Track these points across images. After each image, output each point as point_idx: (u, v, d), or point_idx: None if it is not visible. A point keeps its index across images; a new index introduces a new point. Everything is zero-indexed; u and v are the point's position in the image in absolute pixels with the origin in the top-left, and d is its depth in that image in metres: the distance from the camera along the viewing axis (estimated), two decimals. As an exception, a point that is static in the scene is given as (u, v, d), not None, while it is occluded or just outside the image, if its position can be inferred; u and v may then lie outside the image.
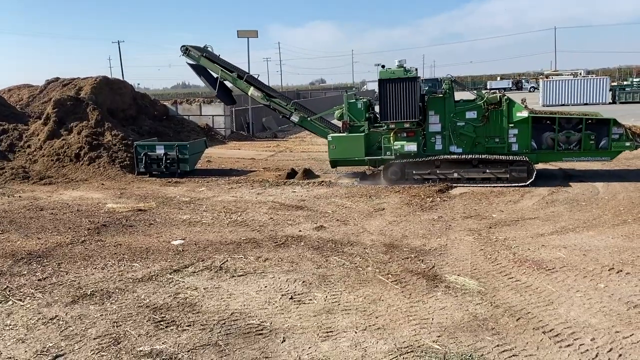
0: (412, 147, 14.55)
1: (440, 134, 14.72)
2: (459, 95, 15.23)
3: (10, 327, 6.50)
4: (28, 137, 19.64)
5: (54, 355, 5.79)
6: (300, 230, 10.48)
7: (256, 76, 17.60)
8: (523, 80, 79.39)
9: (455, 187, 14.13)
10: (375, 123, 15.37)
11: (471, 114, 14.52)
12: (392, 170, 14.78)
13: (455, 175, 14.35)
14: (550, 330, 6.04)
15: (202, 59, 17.33)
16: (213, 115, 29.48)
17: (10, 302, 7.25)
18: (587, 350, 5.61)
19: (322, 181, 15.60)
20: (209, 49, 17.60)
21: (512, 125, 14.34)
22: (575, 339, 5.83)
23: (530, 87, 71.83)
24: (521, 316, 6.42)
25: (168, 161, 17.17)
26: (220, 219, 11.54)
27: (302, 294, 7.31)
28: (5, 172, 16.91)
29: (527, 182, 13.85)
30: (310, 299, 7.12)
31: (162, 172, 17.25)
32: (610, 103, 42.73)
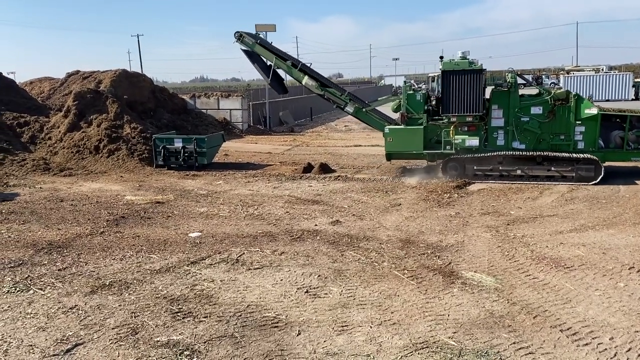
0: (473, 141, 14.21)
1: (503, 129, 14.30)
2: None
3: (32, 315, 6.63)
4: (49, 129, 19.91)
5: (74, 343, 5.89)
6: (316, 225, 10.49)
7: (309, 65, 17.11)
8: (543, 76, 78.17)
9: (473, 183, 14.01)
10: (435, 116, 14.97)
11: (536, 110, 14.09)
12: (452, 165, 14.44)
13: (519, 172, 13.97)
14: (568, 329, 5.98)
15: (256, 46, 16.90)
16: (231, 109, 29.60)
17: (31, 291, 7.39)
18: (606, 349, 5.55)
19: (339, 176, 15.59)
20: (261, 35, 17.23)
21: (580, 122, 13.87)
22: (593, 338, 5.77)
23: (551, 83, 70.71)
24: (538, 314, 6.37)
25: (186, 154, 17.30)
26: (237, 212, 11.61)
27: (317, 287, 7.33)
28: (27, 163, 17.18)
29: (594, 182, 13.41)
30: (326, 293, 7.13)
31: (180, 165, 17.39)
32: (633, 99, 41.99)
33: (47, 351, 5.73)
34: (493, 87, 14.48)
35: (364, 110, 16.23)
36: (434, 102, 15.20)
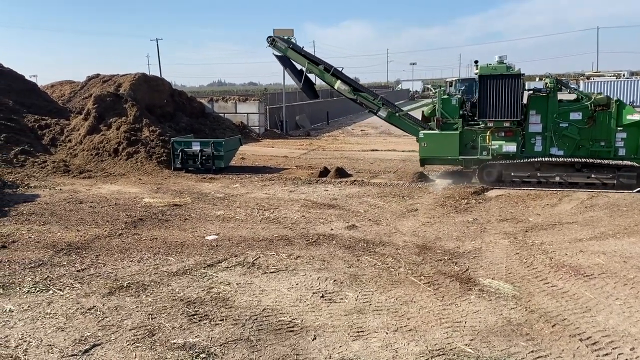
0: (511, 147, 13.95)
1: (540, 134, 14.03)
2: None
3: (51, 315, 6.71)
4: (69, 132, 20.19)
5: (92, 344, 5.95)
6: (332, 229, 10.49)
7: (340, 69, 16.98)
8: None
9: (492, 189, 13.89)
10: (470, 121, 14.78)
11: (576, 115, 13.80)
12: (489, 171, 14.25)
13: (557, 179, 13.74)
14: (588, 338, 5.89)
15: (288, 50, 16.88)
16: (248, 113, 29.75)
17: (50, 292, 7.48)
18: (626, 359, 5.45)
19: (355, 180, 15.56)
20: (292, 40, 17.13)
21: (621, 128, 13.56)
22: (613, 348, 5.67)
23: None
24: (557, 322, 6.28)
25: (203, 157, 17.42)
26: (253, 216, 11.64)
27: (333, 292, 7.32)
28: (48, 165, 17.44)
29: (638, 190, 13.11)
30: (342, 298, 7.12)
31: (197, 168, 17.51)
32: (655, 106, 41.32)
33: (66, 351, 5.80)
34: (531, 92, 14.21)
35: (397, 114, 16.06)
36: (468, 107, 15.02)
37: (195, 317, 6.58)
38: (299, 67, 17.18)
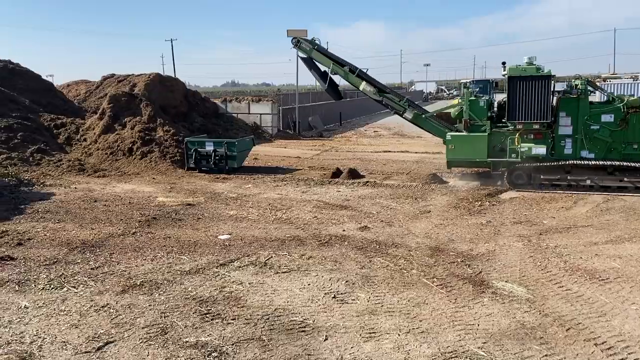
0: (540, 149, 13.69)
1: (571, 137, 13.76)
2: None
3: (65, 312, 6.78)
4: (84, 131, 20.40)
5: (105, 341, 5.99)
6: (344, 230, 10.47)
7: (365, 70, 16.86)
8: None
9: (505, 191, 13.79)
10: (498, 122, 14.59)
11: (608, 117, 13.53)
12: (518, 174, 14.02)
13: (588, 182, 13.45)
14: (603, 343, 5.82)
15: (313, 52, 16.83)
16: (261, 114, 29.83)
17: (65, 289, 7.56)
18: (642, 365, 5.37)
19: (367, 181, 15.53)
20: (316, 41, 17.06)
21: None
22: (629, 353, 5.60)
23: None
24: (571, 326, 6.21)
25: (217, 157, 17.49)
26: (266, 216, 11.67)
27: (345, 293, 7.30)
28: (63, 164, 17.63)
29: None
30: (353, 299, 7.10)
31: (210, 168, 17.58)
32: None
33: (80, 348, 5.85)
34: (561, 93, 13.95)
35: (423, 116, 15.90)
36: (496, 109, 14.84)
37: (207, 316, 6.61)
38: (322, 68, 17.11)
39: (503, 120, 14.31)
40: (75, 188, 14.87)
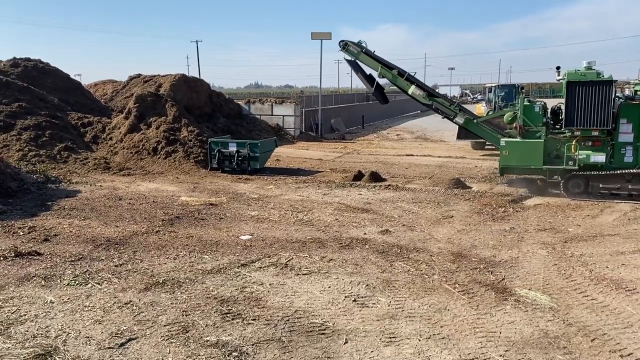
0: (599, 157, 13.25)
1: (632, 145, 13.13)
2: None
3: (89, 308, 6.89)
4: (110, 130, 20.73)
5: (127, 338, 6.08)
6: (365, 233, 10.44)
7: (413, 74, 16.61)
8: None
9: (530, 197, 13.59)
10: (553, 128, 14.19)
11: None
12: (575, 182, 13.65)
13: None
14: (629, 355, 5.69)
15: (361, 55, 16.66)
16: (283, 115, 29.95)
17: (89, 285, 7.68)
18: (670, 379, 5.24)
19: (389, 185, 15.47)
20: (362, 44, 16.87)
21: None
22: (656, 366, 5.47)
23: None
24: (596, 337, 6.09)
25: (240, 158, 17.61)
26: (287, 217, 11.70)
27: (365, 297, 7.28)
28: (89, 162, 17.94)
29: None
30: (374, 303, 7.08)
31: (233, 168, 17.71)
32: None
33: (103, 344, 5.94)
34: (622, 99, 13.54)
35: (474, 121, 15.60)
36: (549, 114, 14.39)
37: (228, 315, 6.65)
38: (368, 71, 16.92)
39: (557, 126, 13.95)
40: (101, 186, 15.11)
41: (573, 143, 13.45)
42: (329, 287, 7.64)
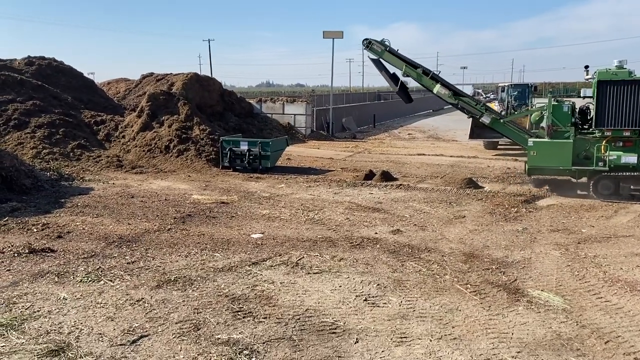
0: (631, 158, 13.05)
1: None
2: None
3: (101, 305, 6.94)
4: (123, 128, 20.86)
5: (139, 335, 6.11)
6: (376, 233, 10.42)
7: (437, 72, 16.44)
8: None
9: (542, 198, 13.48)
10: (582, 128, 13.90)
11: None
12: (605, 183, 13.43)
13: None
14: (644, 358, 5.62)
15: (385, 53, 16.48)
16: (295, 114, 29.96)
17: (102, 282, 7.74)
18: (686, 383, 5.17)
19: (400, 184, 15.42)
20: (386, 42, 16.65)
21: None
22: (672, 370, 5.39)
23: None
24: (610, 339, 6.02)
25: (251, 157, 17.65)
26: (298, 216, 11.70)
27: (376, 296, 7.26)
28: (102, 160, 18.08)
29: None
30: (385, 303, 7.06)
31: (244, 167, 17.76)
32: None
33: (115, 340, 5.98)
34: None
35: (501, 121, 15.40)
36: (577, 114, 14.13)
37: (239, 313, 6.67)
38: (391, 70, 16.79)
39: (585, 126, 13.77)
40: (113, 184, 15.22)
41: (603, 144, 13.24)
42: (340, 286, 7.63)
